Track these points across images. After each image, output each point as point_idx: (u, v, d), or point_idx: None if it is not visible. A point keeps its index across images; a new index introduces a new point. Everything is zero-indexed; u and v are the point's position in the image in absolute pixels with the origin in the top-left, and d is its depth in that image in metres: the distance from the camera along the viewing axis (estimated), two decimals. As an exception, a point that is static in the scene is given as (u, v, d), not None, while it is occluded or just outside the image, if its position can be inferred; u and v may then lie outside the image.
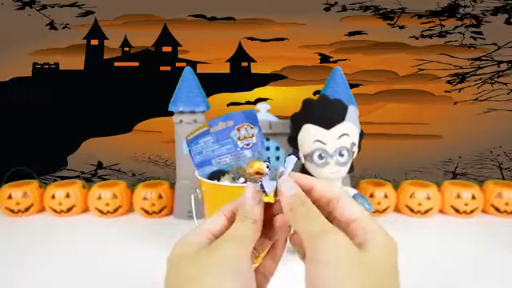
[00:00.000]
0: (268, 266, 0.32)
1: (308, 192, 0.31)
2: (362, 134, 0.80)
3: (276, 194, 0.31)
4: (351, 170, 0.81)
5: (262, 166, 0.31)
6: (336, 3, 1.34)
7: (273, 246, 0.33)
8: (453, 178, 1.36)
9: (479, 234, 0.89)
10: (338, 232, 0.26)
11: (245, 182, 0.69)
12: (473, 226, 0.94)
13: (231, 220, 0.31)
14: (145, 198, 0.98)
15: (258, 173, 0.31)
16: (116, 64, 1.37)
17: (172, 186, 1.02)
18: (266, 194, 0.31)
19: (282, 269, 0.35)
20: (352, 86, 0.94)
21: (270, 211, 0.32)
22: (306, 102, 0.79)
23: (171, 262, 0.28)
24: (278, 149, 0.95)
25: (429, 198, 0.97)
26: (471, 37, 1.33)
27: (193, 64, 1.35)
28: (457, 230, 0.92)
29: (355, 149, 0.79)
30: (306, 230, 0.27)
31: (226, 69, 1.37)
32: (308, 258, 0.26)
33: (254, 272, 0.30)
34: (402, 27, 1.34)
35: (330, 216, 0.30)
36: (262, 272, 0.32)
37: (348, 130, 0.76)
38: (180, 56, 1.37)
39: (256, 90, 1.37)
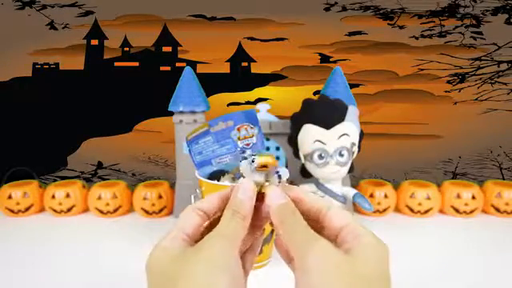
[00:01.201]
0: (248, 258, 0.32)
1: (296, 203, 0.31)
2: (361, 134, 0.80)
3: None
4: (351, 169, 0.81)
5: (271, 158, 0.31)
6: (336, 3, 1.34)
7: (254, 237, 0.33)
8: (453, 178, 1.36)
9: (479, 234, 0.89)
10: (324, 241, 0.26)
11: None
12: (473, 226, 0.94)
13: (204, 218, 0.30)
14: (145, 198, 0.98)
15: (264, 166, 0.31)
16: (116, 64, 1.37)
17: (172, 185, 1.02)
18: (280, 181, 0.31)
19: (281, 271, 0.35)
20: (352, 85, 0.94)
21: (257, 203, 0.32)
22: (306, 102, 0.80)
23: (152, 267, 0.27)
24: (278, 149, 0.95)
25: (429, 198, 0.97)
26: (471, 37, 1.33)
27: (193, 64, 1.35)
28: (457, 229, 0.92)
29: (355, 149, 0.79)
30: (293, 240, 0.27)
31: (226, 69, 1.37)
32: (296, 267, 0.26)
33: None
34: (402, 27, 1.34)
35: (319, 227, 0.30)
36: (242, 265, 0.32)
37: (348, 130, 0.76)
38: (180, 56, 1.38)
39: (256, 89, 1.38)
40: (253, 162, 0.32)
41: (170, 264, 0.26)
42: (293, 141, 0.81)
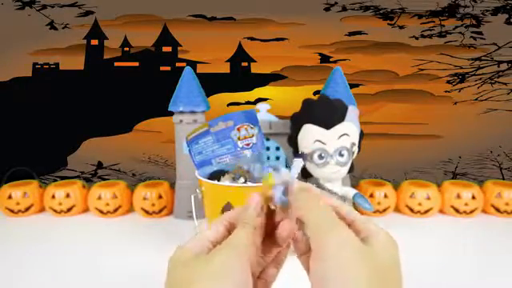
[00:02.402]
0: (270, 272, 0.33)
1: None
2: (361, 134, 0.80)
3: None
4: (351, 169, 0.81)
5: (271, 182, 0.32)
6: (336, 3, 1.34)
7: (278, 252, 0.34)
8: (453, 178, 1.36)
9: (479, 234, 0.89)
10: (343, 227, 0.28)
11: (245, 182, 0.69)
12: (473, 226, 0.94)
13: (230, 230, 0.31)
14: (145, 198, 0.98)
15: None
16: (116, 64, 1.37)
17: (172, 185, 1.02)
18: (275, 206, 0.32)
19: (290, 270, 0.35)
20: (352, 86, 0.94)
21: (274, 218, 0.33)
22: (306, 102, 0.79)
23: (169, 266, 0.29)
24: (278, 149, 0.95)
25: (429, 198, 0.97)
26: (471, 37, 1.33)
27: (193, 64, 1.35)
28: (457, 230, 0.92)
29: (355, 149, 0.79)
30: (314, 223, 0.28)
31: (226, 69, 1.37)
32: (313, 252, 0.27)
33: (256, 279, 0.32)
34: (402, 27, 1.34)
35: None
36: (263, 278, 0.33)
37: (348, 130, 0.76)
38: (180, 56, 1.38)
39: (256, 89, 1.38)
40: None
41: (183, 266, 0.28)
42: (293, 141, 0.81)
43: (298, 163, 0.33)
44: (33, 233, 0.91)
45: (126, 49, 1.37)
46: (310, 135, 0.77)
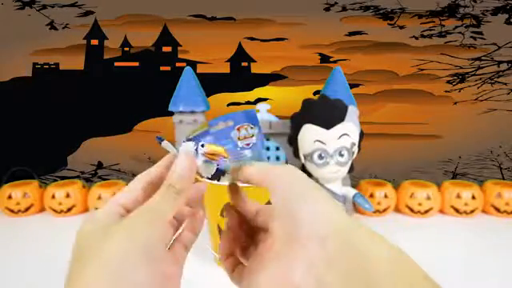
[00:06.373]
0: (187, 236, 0.32)
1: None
2: (361, 134, 0.80)
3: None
4: (351, 169, 0.81)
5: (219, 149, 0.32)
6: (336, 3, 1.34)
7: (193, 215, 0.33)
8: (453, 178, 1.36)
9: (479, 234, 0.89)
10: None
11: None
12: (473, 226, 0.94)
13: (147, 192, 0.29)
14: (145, 198, 0.97)
15: (214, 154, 0.31)
16: (116, 64, 1.37)
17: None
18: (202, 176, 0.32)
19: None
20: (352, 86, 0.94)
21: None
22: (306, 102, 0.80)
23: (76, 239, 0.25)
24: (278, 149, 0.95)
25: (429, 198, 0.97)
26: (471, 37, 1.33)
27: (193, 64, 1.35)
28: (457, 230, 0.92)
29: (355, 149, 0.79)
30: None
31: (226, 69, 1.37)
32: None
33: (175, 241, 0.29)
34: (402, 27, 1.34)
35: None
36: (181, 241, 0.31)
37: (348, 130, 0.76)
38: (180, 56, 1.37)
39: (256, 89, 1.37)
40: (202, 146, 0.32)
41: (93, 237, 0.25)
42: (293, 141, 0.81)
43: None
44: (33, 233, 0.91)
45: (126, 49, 1.37)
46: (310, 135, 0.77)
